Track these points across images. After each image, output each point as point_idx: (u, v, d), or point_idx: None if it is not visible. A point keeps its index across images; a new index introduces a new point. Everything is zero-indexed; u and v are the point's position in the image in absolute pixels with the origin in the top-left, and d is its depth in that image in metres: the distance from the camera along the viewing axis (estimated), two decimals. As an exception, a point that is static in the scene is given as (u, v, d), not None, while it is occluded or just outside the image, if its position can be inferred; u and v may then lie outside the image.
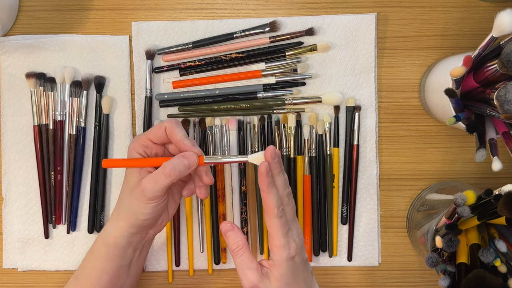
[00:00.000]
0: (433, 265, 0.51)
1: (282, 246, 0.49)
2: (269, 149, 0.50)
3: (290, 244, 0.49)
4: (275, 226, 0.49)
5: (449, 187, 0.64)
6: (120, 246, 0.53)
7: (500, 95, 0.47)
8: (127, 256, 0.54)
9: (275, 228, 0.49)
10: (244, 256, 0.50)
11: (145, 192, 0.50)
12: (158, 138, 0.52)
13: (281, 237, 0.49)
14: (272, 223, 0.49)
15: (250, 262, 0.50)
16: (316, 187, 0.65)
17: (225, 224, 0.52)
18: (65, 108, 0.64)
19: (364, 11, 0.65)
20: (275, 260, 0.49)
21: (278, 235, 0.49)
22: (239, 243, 0.51)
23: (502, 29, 0.48)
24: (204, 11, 0.65)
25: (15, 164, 0.65)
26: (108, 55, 0.65)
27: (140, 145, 0.52)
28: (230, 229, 0.51)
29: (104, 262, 0.53)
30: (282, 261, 0.49)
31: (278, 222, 0.49)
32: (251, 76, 0.65)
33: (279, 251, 0.49)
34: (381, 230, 0.66)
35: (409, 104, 0.66)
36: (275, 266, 0.49)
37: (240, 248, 0.50)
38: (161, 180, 0.50)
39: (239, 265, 0.50)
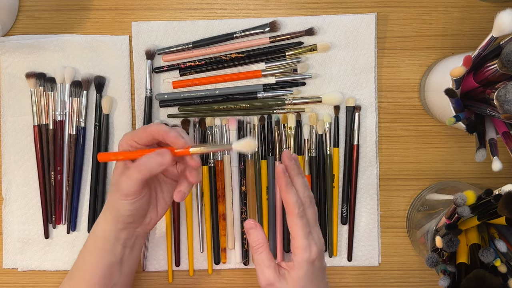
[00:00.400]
0: (433, 265, 0.51)
1: (303, 247, 0.50)
2: (285, 153, 0.53)
3: (311, 247, 0.50)
4: (297, 226, 0.50)
5: (449, 187, 0.64)
6: (109, 240, 0.53)
7: (500, 95, 0.47)
8: (117, 252, 0.54)
9: (296, 228, 0.50)
10: (263, 254, 0.52)
11: (120, 188, 0.50)
12: (141, 140, 0.51)
13: (302, 238, 0.50)
14: (294, 223, 0.51)
15: (268, 260, 0.51)
16: (316, 187, 0.65)
17: (248, 222, 0.53)
18: (65, 108, 0.64)
19: (364, 11, 0.65)
20: (295, 261, 0.50)
21: (300, 236, 0.50)
22: (260, 241, 0.52)
23: (502, 29, 0.48)
24: (204, 11, 0.65)
25: (15, 164, 0.65)
26: (108, 55, 0.65)
27: (125, 143, 0.52)
28: (253, 227, 0.53)
29: (96, 257, 0.54)
30: (302, 263, 0.50)
31: (299, 222, 0.50)
32: (251, 76, 0.65)
33: (300, 252, 0.50)
34: (381, 230, 0.66)
35: (409, 104, 0.66)
36: (294, 267, 0.50)
37: (260, 246, 0.52)
38: (134, 176, 0.49)
39: (258, 262, 0.52)
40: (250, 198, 0.65)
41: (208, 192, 0.65)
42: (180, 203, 0.66)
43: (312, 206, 0.53)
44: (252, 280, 0.67)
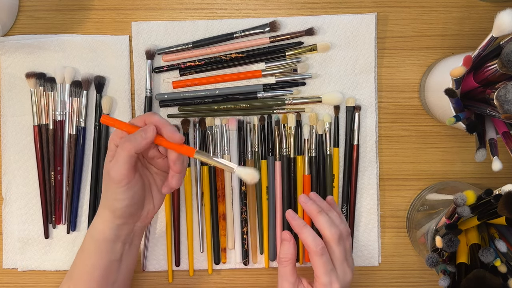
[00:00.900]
0: (433, 265, 0.51)
1: (323, 284, 0.53)
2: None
3: (332, 284, 0.53)
4: (317, 263, 0.54)
5: (449, 187, 0.64)
6: (109, 240, 0.53)
7: (500, 95, 0.47)
8: (116, 250, 0.54)
9: (315, 266, 0.54)
10: (288, 268, 0.55)
11: (111, 175, 0.50)
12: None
13: (323, 275, 0.53)
14: (314, 260, 0.54)
15: (291, 275, 0.55)
16: (316, 187, 0.65)
17: (286, 233, 0.57)
18: (65, 108, 0.64)
19: (364, 11, 0.65)
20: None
21: (321, 273, 0.53)
22: (288, 256, 0.56)
23: (502, 29, 0.48)
24: (204, 11, 0.65)
25: (15, 164, 0.65)
26: (108, 55, 0.65)
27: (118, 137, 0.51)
28: (287, 239, 0.57)
29: (94, 259, 0.53)
30: None
31: (319, 260, 0.53)
32: (251, 76, 0.65)
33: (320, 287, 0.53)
34: (381, 230, 0.66)
35: (409, 104, 0.66)
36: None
37: (287, 260, 0.56)
38: (122, 156, 0.49)
39: (281, 275, 0.56)
40: (250, 198, 0.65)
41: (208, 192, 0.65)
42: (181, 203, 0.66)
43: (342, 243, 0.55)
44: (252, 280, 0.67)
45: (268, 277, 0.67)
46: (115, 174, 0.50)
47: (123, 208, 0.52)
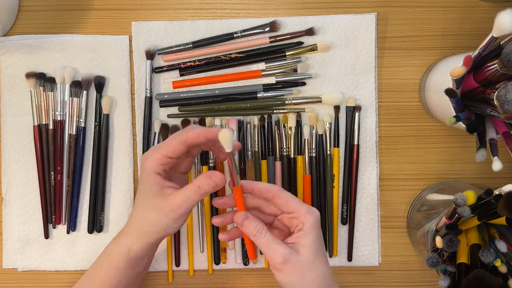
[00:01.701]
0: (433, 265, 0.51)
1: (306, 212, 0.51)
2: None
3: (311, 208, 0.51)
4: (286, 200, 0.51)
5: (449, 187, 0.64)
6: (140, 257, 0.54)
7: (500, 95, 0.47)
8: (142, 264, 0.55)
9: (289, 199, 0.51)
10: (268, 234, 0.51)
11: (177, 211, 0.50)
12: (177, 153, 0.51)
13: (300, 204, 0.51)
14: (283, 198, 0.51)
15: (275, 238, 0.51)
16: (316, 187, 0.65)
17: (238, 215, 0.52)
18: (65, 108, 0.64)
19: (364, 11, 0.65)
20: (305, 228, 0.50)
21: (296, 203, 0.51)
22: (259, 226, 0.51)
23: (502, 29, 0.48)
24: (204, 11, 0.65)
25: (15, 164, 0.65)
26: (108, 55, 0.65)
27: (158, 165, 0.51)
28: (245, 218, 0.52)
29: (120, 275, 0.54)
30: (311, 227, 0.50)
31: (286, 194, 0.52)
32: (251, 76, 0.65)
33: (306, 218, 0.50)
34: (381, 230, 0.66)
35: (409, 104, 0.66)
36: (304, 235, 0.50)
37: (261, 230, 0.51)
38: (194, 199, 0.50)
39: (266, 244, 0.50)
40: (250, 198, 0.65)
41: (208, 192, 0.65)
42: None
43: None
44: (252, 280, 0.67)
45: (268, 277, 0.67)
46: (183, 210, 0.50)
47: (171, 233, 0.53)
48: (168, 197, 0.51)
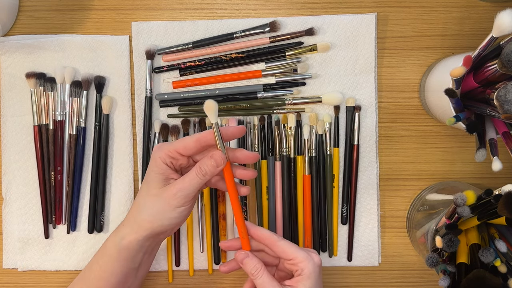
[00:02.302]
0: (433, 265, 0.51)
1: (305, 259, 0.52)
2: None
3: (311, 254, 0.52)
4: (285, 246, 0.53)
5: (449, 187, 0.64)
6: (133, 250, 0.53)
7: (500, 95, 0.47)
8: (137, 259, 0.54)
9: (286, 248, 0.52)
10: (264, 276, 0.52)
11: (178, 195, 0.51)
12: (189, 150, 0.52)
13: (298, 251, 0.52)
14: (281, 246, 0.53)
15: (271, 280, 0.52)
16: (316, 187, 0.65)
17: (239, 253, 0.54)
18: (65, 108, 0.64)
19: (364, 11, 0.65)
20: (303, 274, 0.52)
21: (294, 251, 0.52)
22: (257, 266, 0.53)
23: (502, 29, 0.48)
24: (204, 11, 0.65)
25: (15, 164, 0.65)
26: (108, 55, 0.65)
27: (167, 156, 0.52)
28: (245, 256, 0.54)
29: (114, 265, 0.53)
30: (311, 273, 0.51)
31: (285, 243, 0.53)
32: (251, 76, 0.65)
33: (305, 265, 0.52)
34: (381, 230, 0.66)
35: (409, 104, 0.66)
36: (302, 280, 0.52)
37: (259, 270, 0.53)
38: (196, 181, 0.51)
39: (261, 285, 0.52)
40: (250, 198, 0.65)
41: (208, 192, 0.65)
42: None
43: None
44: (252, 280, 0.67)
45: (268, 277, 0.67)
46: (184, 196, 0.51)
47: (168, 225, 0.52)
48: (170, 184, 0.52)
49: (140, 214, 0.52)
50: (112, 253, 0.53)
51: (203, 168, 0.51)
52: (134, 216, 0.53)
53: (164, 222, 0.52)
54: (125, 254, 0.53)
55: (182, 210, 0.52)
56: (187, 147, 0.51)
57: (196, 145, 0.51)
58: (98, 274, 0.54)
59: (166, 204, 0.51)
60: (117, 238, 0.53)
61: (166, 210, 0.51)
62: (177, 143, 0.52)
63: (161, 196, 0.51)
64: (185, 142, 0.51)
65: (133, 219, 0.53)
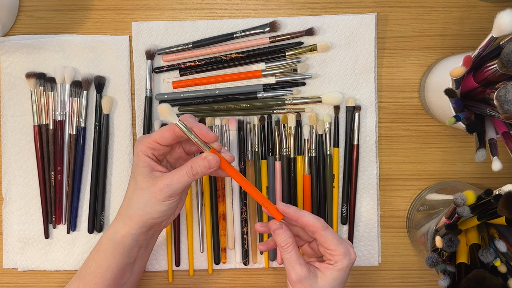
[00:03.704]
0: (433, 265, 0.51)
1: (343, 253, 0.52)
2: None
3: (350, 250, 0.52)
4: (326, 238, 0.52)
5: (449, 187, 0.64)
6: (127, 244, 0.53)
7: (500, 95, 0.47)
8: (132, 254, 0.54)
9: (326, 240, 0.52)
10: (293, 252, 0.52)
11: (165, 190, 0.51)
12: (165, 140, 0.52)
13: (339, 245, 0.52)
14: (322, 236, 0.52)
15: (298, 257, 0.52)
16: (316, 187, 0.65)
17: (274, 222, 0.54)
18: (65, 108, 0.64)
19: (364, 11, 0.65)
20: (335, 265, 0.52)
21: (335, 243, 0.52)
22: (288, 241, 0.53)
23: (502, 29, 0.48)
24: (204, 11, 0.65)
25: (15, 164, 0.65)
26: (108, 55, 0.65)
27: (148, 148, 0.52)
28: (279, 227, 0.53)
29: (109, 260, 0.53)
30: (343, 268, 0.51)
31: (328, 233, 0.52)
32: (251, 76, 0.65)
33: (341, 259, 0.51)
34: (381, 230, 0.66)
35: (409, 104, 0.66)
36: (330, 269, 0.51)
37: (289, 245, 0.53)
38: (185, 179, 0.51)
39: (288, 260, 0.52)
40: (250, 198, 0.65)
41: (208, 192, 0.65)
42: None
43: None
44: (252, 280, 0.67)
45: (268, 277, 0.67)
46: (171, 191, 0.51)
47: (158, 218, 0.52)
48: (157, 178, 0.52)
49: (130, 208, 0.53)
50: (107, 248, 0.54)
51: (195, 168, 0.51)
52: (125, 211, 0.53)
53: (153, 215, 0.52)
54: (120, 249, 0.53)
55: (170, 203, 0.52)
56: (163, 136, 0.52)
57: (171, 135, 0.52)
58: (94, 270, 0.54)
59: (153, 197, 0.51)
60: (110, 233, 0.54)
61: (154, 204, 0.51)
62: (154, 134, 0.52)
63: (149, 189, 0.52)
64: (161, 132, 0.52)
65: (124, 213, 0.53)
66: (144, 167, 0.52)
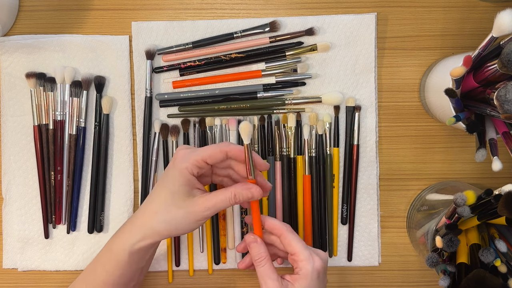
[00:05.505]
0: (433, 265, 0.51)
1: (306, 259, 0.52)
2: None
3: (313, 257, 0.52)
4: (290, 241, 0.53)
5: (449, 187, 0.64)
6: (144, 253, 0.54)
7: (500, 95, 0.47)
8: (145, 259, 0.55)
9: (293, 243, 0.53)
10: (266, 266, 0.53)
11: (206, 213, 0.51)
12: (214, 160, 0.52)
13: (303, 250, 0.52)
14: (289, 239, 0.53)
15: (271, 272, 0.53)
16: (316, 187, 0.65)
17: (249, 236, 0.55)
18: (65, 108, 0.64)
19: (364, 11, 0.65)
20: (300, 273, 0.52)
21: (299, 248, 0.52)
22: (262, 254, 0.54)
23: (502, 29, 0.48)
24: (204, 11, 0.65)
25: (15, 164, 0.65)
26: (108, 55, 0.65)
27: (194, 166, 0.51)
28: (253, 241, 0.55)
29: (124, 269, 0.53)
30: (307, 274, 0.52)
31: (293, 236, 0.53)
32: (251, 76, 0.65)
33: (304, 264, 0.52)
34: (381, 230, 0.66)
35: (409, 104, 0.66)
36: (298, 279, 0.52)
37: (262, 259, 0.54)
38: (226, 205, 0.51)
39: (261, 274, 0.53)
40: (250, 198, 0.65)
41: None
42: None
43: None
44: (252, 280, 0.67)
45: (268, 277, 0.67)
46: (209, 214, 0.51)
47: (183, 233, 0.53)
48: (197, 198, 0.51)
49: (157, 222, 0.52)
50: (122, 258, 0.53)
51: (238, 197, 0.51)
52: (150, 223, 0.52)
53: (185, 231, 0.52)
54: (135, 258, 0.53)
55: (204, 222, 0.53)
56: (213, 157, 0.51)
57: (223, 156, 0.52)
58: (105, 278, 0.54)
59: (191, 217, 0.51)
60: (127, 245, 0.52)
61: (191, 222, 0.51)
62: (203, 153, 0.51)
63: (186, 209, 0.51)
64: (212, 152, 0.51)
65: (149, 226, 0.52)
66: (185, 185, 0.51)
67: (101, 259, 0.55)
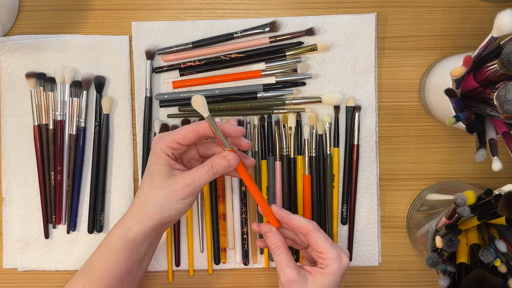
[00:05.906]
0: (433, 265, 0.51)
1: (334, 257, 0.52)
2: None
3: (341, 255, 0.53)
4: (318, 240, 0.53)
5: (449, 187, 0.64)
6: (139, 241, 0.53)
7: (500, 95, 0.47)
8: (142, 250, 0.55)
9: (318, 243, 0.53)
10: (283, 254, 0.54)
11: (187, 189, 0.51)
12: (187, 140, 0.52)
13: (331, 249, 0.52)
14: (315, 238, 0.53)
15: (288, 260, 0.53)
16: (316, 187, 0.65)
17: (264, 225, 0.56)
18: (65, 108, 0.64)
19: (364, 11, 0.65)
20: (326, 270, 0.52)
21: (327, 247, 0.52)
22: (278, 243, 0.54)
23: (502, 29, 0.48)
24: (204, 11, 0.65)
25: (15, 164, 0.65)
26: (108, 55, 0.65)
27: (168, 147, 0.52)
28: (269, 231, 0.55)
29: (119, 257, 0.53)
30: (334, 272, 0.52)
31: (320, 236, 0.53)
32: (251, 76, 0.65)
33: (331, 263, 0.52)
34: (381, 230, 0.66)
35: (409, 104, 0.66)
36: (321, 274, 0.52)
37: (279, 248, 0.54)
38: (205, 178, 0.52)
39: (278, 262, 0.54)
40: (250, 198, 0.65)
41: (208, 192, 0.65)
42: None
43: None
44: (252, 280, 0.67)
45: (268, 277, 0.67)
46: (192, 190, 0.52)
47: (174, 216, 0.53)
48: (177, 177, 0.52)
49: (146, 205, 0.53)
50: (117, 245, 0.53)
51: (215, 167, 0.52)
52: (141, 208, 0.53)
53: (171, 213, 0.52)
54: (130, 246, 0.53)
55: (189, 201, 0.53)
56: (186, 137, 0.52)
57: (194, 135, 0.52)
58: (102, 267, 0.54)
59: (174, 196, 0.52)
60: (121, 231, 0.53)
61: (175, 202, 0.52)
62: (176, 134, 0.52)
63: (168, 188, 0.52)
64: (184, 132, 0.52)
65: (140, 211, 0.53)
66: (163, 165, 0.52)
67: (99, 249, 0.55)
